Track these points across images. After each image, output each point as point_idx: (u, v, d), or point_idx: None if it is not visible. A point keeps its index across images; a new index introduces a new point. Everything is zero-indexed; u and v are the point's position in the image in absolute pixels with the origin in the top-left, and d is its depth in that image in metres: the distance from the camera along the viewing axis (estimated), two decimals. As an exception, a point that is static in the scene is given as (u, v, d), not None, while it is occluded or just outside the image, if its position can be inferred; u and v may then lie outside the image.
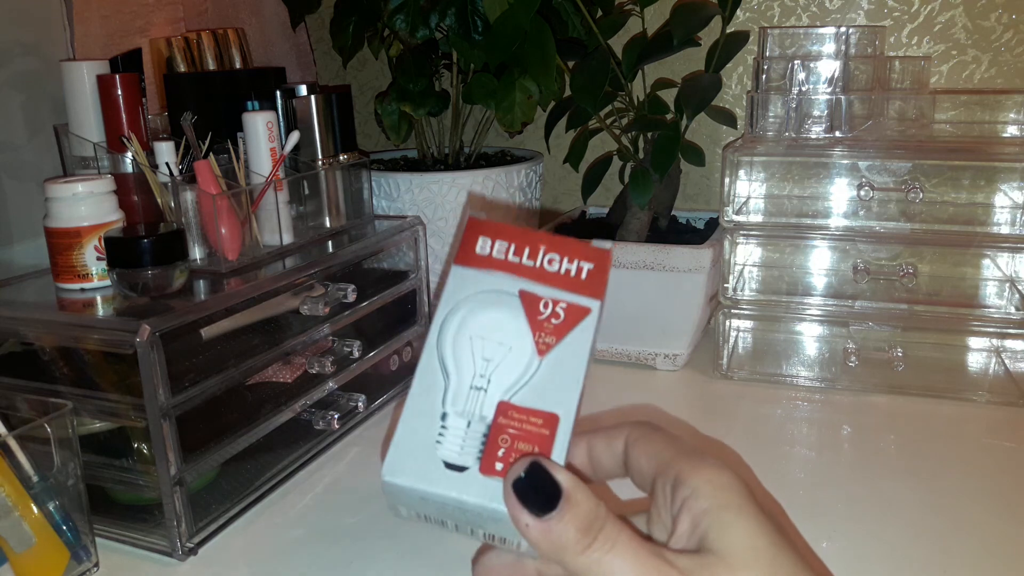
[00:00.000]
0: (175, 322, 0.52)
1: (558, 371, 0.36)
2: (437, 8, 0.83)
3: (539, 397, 0.35)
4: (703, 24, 0.78)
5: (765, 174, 0.88)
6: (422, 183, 0.86)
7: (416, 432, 0.34)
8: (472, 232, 0.38)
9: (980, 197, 0.83)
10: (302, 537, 0.56)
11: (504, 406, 0.35)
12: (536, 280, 0.37)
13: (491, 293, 0.37)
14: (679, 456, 0.35)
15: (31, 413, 0.51)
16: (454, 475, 0.34)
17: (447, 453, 0.34)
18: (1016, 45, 0.87)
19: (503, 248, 0.38)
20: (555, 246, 0.38)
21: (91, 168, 0.70)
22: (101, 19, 0.83)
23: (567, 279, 0.37)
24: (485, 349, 0.36)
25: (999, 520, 0.55)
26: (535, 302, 0.37)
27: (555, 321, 0.37)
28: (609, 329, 0.83)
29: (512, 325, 0.36)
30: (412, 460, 0.34)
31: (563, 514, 0.31)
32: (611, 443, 0.38)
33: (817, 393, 0.76)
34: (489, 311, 0.37)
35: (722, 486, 0.33)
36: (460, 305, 0.37)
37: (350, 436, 0.70)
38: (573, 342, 0.36)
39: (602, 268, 0.38)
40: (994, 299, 0.80)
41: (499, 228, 0.38)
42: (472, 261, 0.37)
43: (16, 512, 0.48)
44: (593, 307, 0.37)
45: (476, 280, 0.37)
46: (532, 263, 0.37)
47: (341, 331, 0.70)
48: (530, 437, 0.34)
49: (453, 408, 0.35)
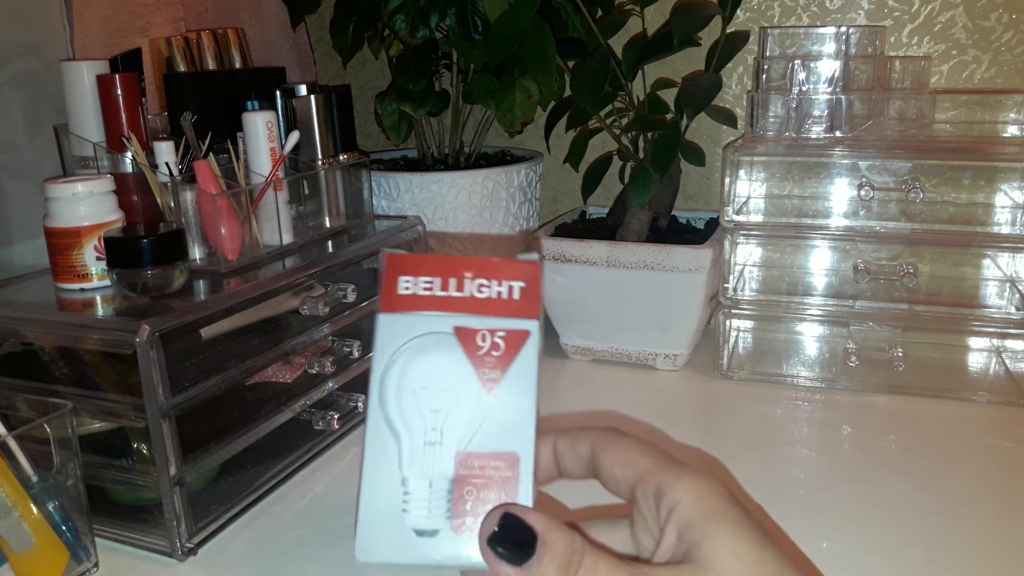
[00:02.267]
0: (175, 322, 0.52)
1: (509, 406, 0.35)
2: (437, 8, 0.83)
3: (496, 439, 0.34)
4: (703, 24, 0.78)
5: (765, 174, 0.88)
6: (422, 183, 0.86)
7: (379, 505, 0.34)
8: (391, 272, 0.36)
9: (980, 197, 0.83)
10: (302, 537, 0.56)
11: (463, 456, 0.34)
12: (469, 312, 0.35)
13: (425, 337, 0.35)
14: (658, 466, 0.35)
15: (31, 413, 0.51)
16: (427, 541, 0.33)
17: (415, 520, 0.33)
18: (1016, 45, 0.87)
19: (428, 284, 0.36)
20: (481, 270, 0.36)
21: (91, 168, 0.70)
22: (101, 19, 0.83)
23: (500, 304, 0.36)
24: (431, 400, 0.35)
25: (999, 520, 0.55)
26: (471, 337, 0.35)
27: (496, 353, 0.35)
28: (609, 329, 0.83)
29: (453, 368, 0.35)
30: (382, 536, 0.33)
31: (541, 559, 0.31)
32: (575, 446, 0.38)
33: (817, 393, 0.76)
34: (427, 357, 0.35)
35: (703, 494, 0.33)
36: (395, 358, 0.35)
37: (350, 436, 0.70)
38: (518, 371, 0.35)
39: (534, 284, 0.36)
40: (994, 299, 0.80)
41: (419, 261, 0.36)
42: (398, 305, 0.36)
43: (16, 512, 0.48)
44: (532, 328, 0.36)
45: (406, 325, 0.35)
46: (461, 294, 0.36)
47: (341, 331, 0.70)
48: (494, 483, 0.34)
49: (411, 471, 0.34)
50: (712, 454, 0.65)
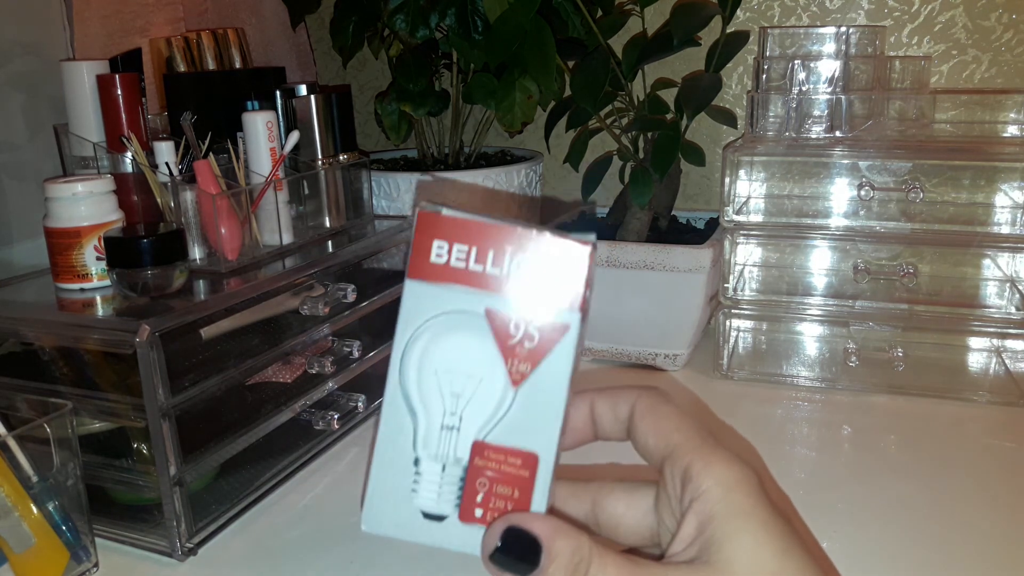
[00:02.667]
0: (175, 322, 0.52)
1: (535, 403, 0.32)
2: (437, 8, 0.83)
3: (516, 434, 0.32)
4: (703, 24, 0.78)
5: (765, 174, 0.88)
6: (422, 183, 0.86)
7: (390, 481, 0.33)
8: (425, 234, 0.32)
9: (980, 197, 0.83)
10: (302, 537, 0.56)
11: (479, 446, 0.32)
12: (504, 293, 0.32)
13: (453, 315, 0.32)
14: (690, 444, 0.33)
15: (31, 413, 0.51)
16: (433, 525, 0.32)
17: (424, 502, 0.33)
18: (1016, 45, 0.87)
19: (462, 253, 0.32)
20: (525, 246, 0.32)
21: (91, 168, 0.70)
22: (101, 19, 0.83)
23: (541, 289, 0.32)
24: (453, 383, 0.32)
25: (999, 520, 0.55)
26: (504, 323, 0.32)
27: (528, 345, 0.32)
28: (609, 329, 0.83)
29: (480, 352, 0.32)
30: (389, 511, 0.33)
31: (545, 569, 0.30)
32: (616, 406, 0.36)
33: (817, 393, 0.76)
34: (453, 337, 0.32)
35: (732, 486, 0.32)
36: (420, 332, 0.33)
37: (350, 436, 0.70)
38: (550, 367, 0.32)
39: (582, 270, 0.32)
40: (994, 299, 0.80)
41: (456, 225, 0.32)
42: (428, 273, 0.32)
43: (16, 512, 0.48)
44: (572, 322, 0.32)
45: (435, 298, 0.32)
46: (498, 271, 0.32)
47: (341, 331, 0.70)
48: (509, 479, 0.32)
49: (425, 452, 0.33)
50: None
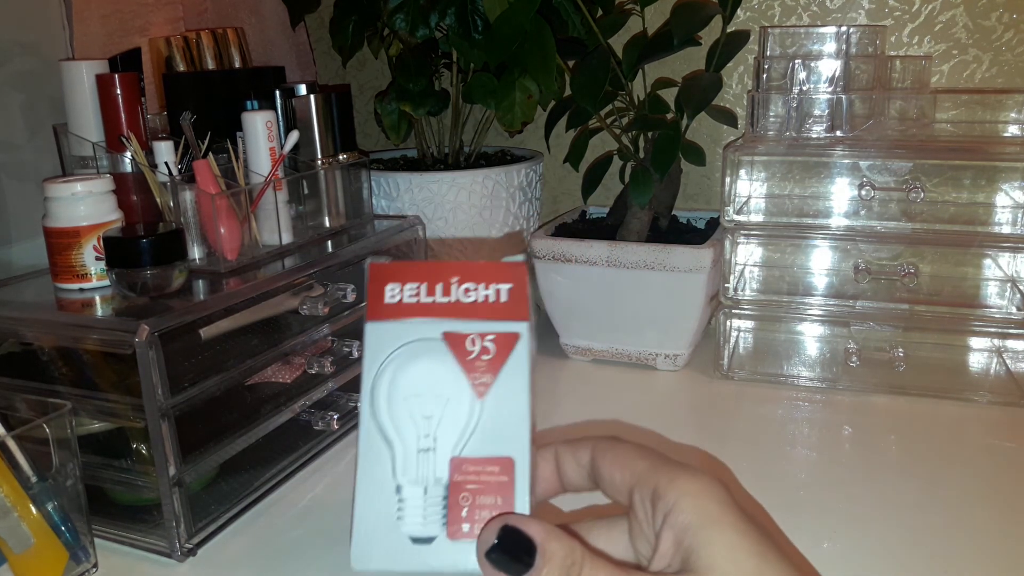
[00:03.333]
0: (174, 322, 0.52)
1: (502, 410, 0.34)
2: (437, 7, 0.83)
3: (490, 443, 0.34)
4: (703, 23, 0.78)
5: (766, 174, 0.88)
6: (422, 183, 0.86)
7: (374, 513, 0.34)
8: (377, 281, 0.36)
9: (981, 197, 0.83)
10: (302, 537, 0.56)
11: (457, 462, 0.34)
12: (457, 316, 0.35)
13: (414, 344, 0.35)
14: (655, 467, 0.34)
15: (30, 413, 0.51)
16: (423, 548, 0.33)
17: (411, 527, 0.33)
18: (1017, 45, 0.87)
19: (414, 290, 0.36)
20: (467, 274, 0.36)
21: (90, 168, 0.70)
22: (100, 19, 0.83)
23: (488, 307, 0.36)
24: (423, 406, 0.34)
25: (1000, 520, 0.55)
26: (461, 341, 0.35)
27: (486, 357, 0.35)
28: (609, 329, 0.83)
29: (444, 373, 0.35)
30: (378, 544, 0.33)
31: (539, 570, 0.31)
32: (576, 455, 0.37)
33: (818, 393, 0.76)
34: (417, 364, 0.35)
35: (701, 496, 0.33)
36: (385, 366, 0.35)
37: (349, 436, 0.70)
38: (510, 374, 0.35)
39: (521, 285, 0.36)
40: (995, 299, 0.80)
41: (404, 268, 0.36)
42: (385, 313, 0.36)
43: (15, 513, 0.48)
44: (522, 330, 0.35)
45: (394, 333, 0.35)
46: (448, 299, 0.36)
47: (341, 331, 0.70)
48: (490, 488, 0.33)
49: (405, 478, 0.34)
50: (712, 455, 0.65)
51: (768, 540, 0.32)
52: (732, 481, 0.60)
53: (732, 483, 0.59)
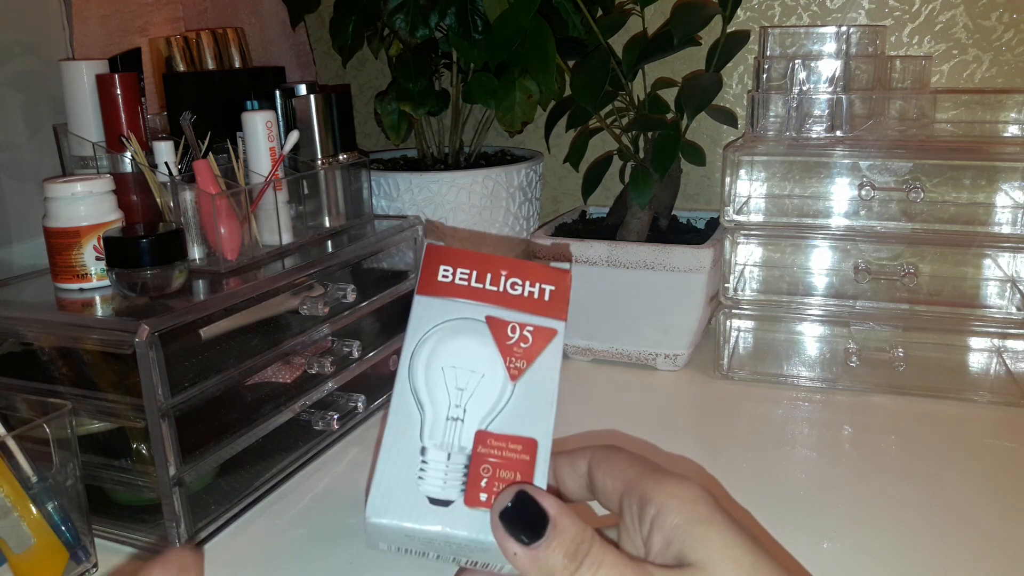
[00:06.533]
0: (174, 322, 0.52)
1: (531, 395, 0.36)
2: (437, 7, 0.83)
3: (516, 423, 0.36)
4: (703, 23, 0.78)
5: (766, 174, 0.88)
6: (422, 183, 0.86)
7: (397, 469, 0.35)
8: (432, 261, 0.38)
9: (981, 197, 0.83)
10: (302, 537, 0.56)
11: (482, 435, 0.35)
12: (501, 305, 0.38)
13: (458, 321, 0.37)
14: (643, 474, 0.35)
15: (30, 413, 0.51)
16: (440, 510, 0.34)
17: (430, 488, 0.34)
18: (1017, 45, 0.87)
19: (465, 275, 0.38)
20: (516, 271, 0.38)
21: (90, 168, 0.70)
22: (100, 19, 0.83)
23: (531, 302, 0.38)
24: (458, 378, 0.36)
25: (1000, 520, 0.55)
26: (502, 327, 0.37)
27: (524, 345, 0.37)
28: (609, 329, 0.83)
29: (482, 352, 0.37)
30: (396, 499, 0.34)
31: (550, 541, 0.31)
32: (574, 465, 0.38)
33: (818, 393, 0.76)
34: (458, 339, 0.37)
35: (688, 499, 0.33)
36: (428, 336, 0.37)
37: (349, 436, 0.70)
38: (543, 364, 0.37)
39: (563, 289, 0.39)
40: (995, 299, 0.80)
41: (459, 255, 0.38)
42: (435, 290, 0.38)
43: (15, 512, 0.48)
44: (559, 328, 0.38)
45: (441, 309, 0.37)
46: (495, 288, 0.38)
47: (341, 331, 0.70)
48: (511, 464, 0.35)
49: (431, 441, 0.35)
50: (712, 455, 0.65)
51: (758, 543, 0.33)
52: (723, 494, 0.59)
53: (723, 495, 0.59)
